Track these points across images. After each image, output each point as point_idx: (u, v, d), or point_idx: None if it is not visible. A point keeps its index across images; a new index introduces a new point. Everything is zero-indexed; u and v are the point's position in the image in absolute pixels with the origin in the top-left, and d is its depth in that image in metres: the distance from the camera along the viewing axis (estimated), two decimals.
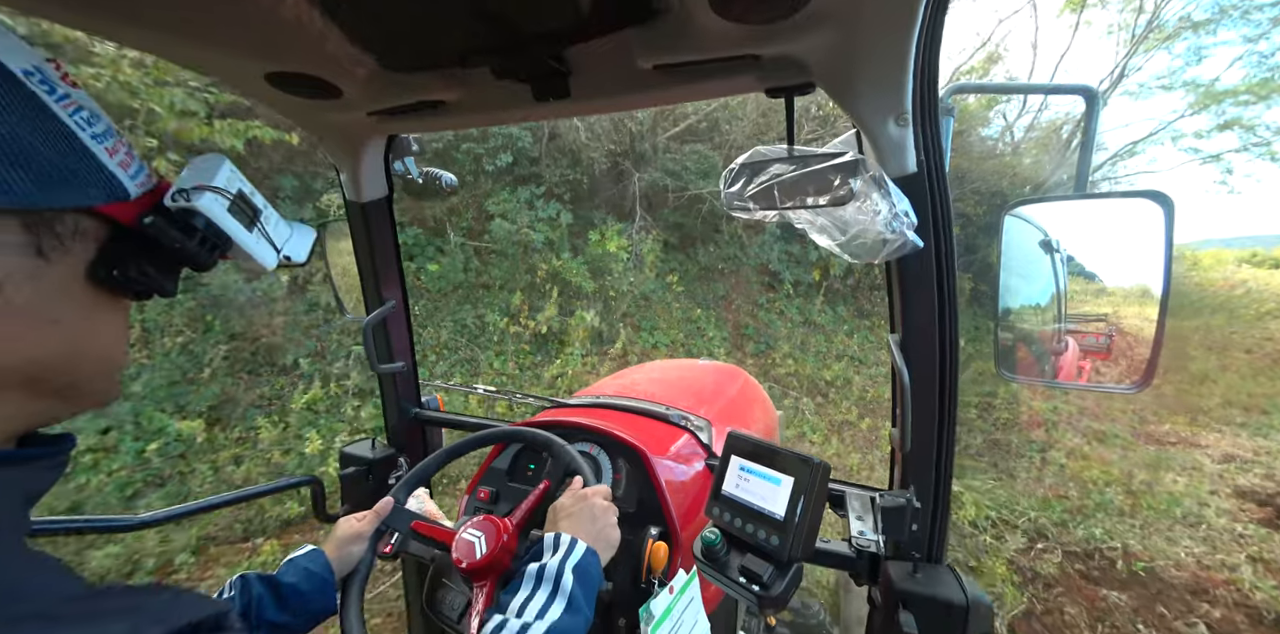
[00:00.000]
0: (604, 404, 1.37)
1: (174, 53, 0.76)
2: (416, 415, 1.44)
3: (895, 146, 0.75)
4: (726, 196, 0.81)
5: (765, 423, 1.74)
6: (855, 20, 0.61)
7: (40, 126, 0.34)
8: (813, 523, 0.77)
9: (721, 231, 7.04)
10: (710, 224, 6.97)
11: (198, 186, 0.47)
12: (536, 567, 0.67)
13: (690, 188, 6.65)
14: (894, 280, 0.85)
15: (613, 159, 6.39)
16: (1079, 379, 1.13)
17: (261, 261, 0.53)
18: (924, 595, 0.80)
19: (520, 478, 1.18)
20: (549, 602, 0.62)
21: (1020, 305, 1.06)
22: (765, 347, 6.43)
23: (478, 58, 0.72)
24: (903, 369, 0.83)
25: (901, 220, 0.70)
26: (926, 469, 0.88)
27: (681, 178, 6.64)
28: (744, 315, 6.87)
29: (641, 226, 6.38)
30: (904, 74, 0.68)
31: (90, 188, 0.37)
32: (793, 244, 7.35)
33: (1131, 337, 0.88)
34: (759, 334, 6.57)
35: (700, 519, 1.03)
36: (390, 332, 1.33)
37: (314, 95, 0.84)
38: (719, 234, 7.06)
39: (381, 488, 1.35)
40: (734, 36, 0.64)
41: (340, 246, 1.36)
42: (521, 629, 0.58)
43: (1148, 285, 0.79)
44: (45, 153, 0.34)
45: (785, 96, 0.77)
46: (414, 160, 1.18)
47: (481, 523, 0.81)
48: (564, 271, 5.44)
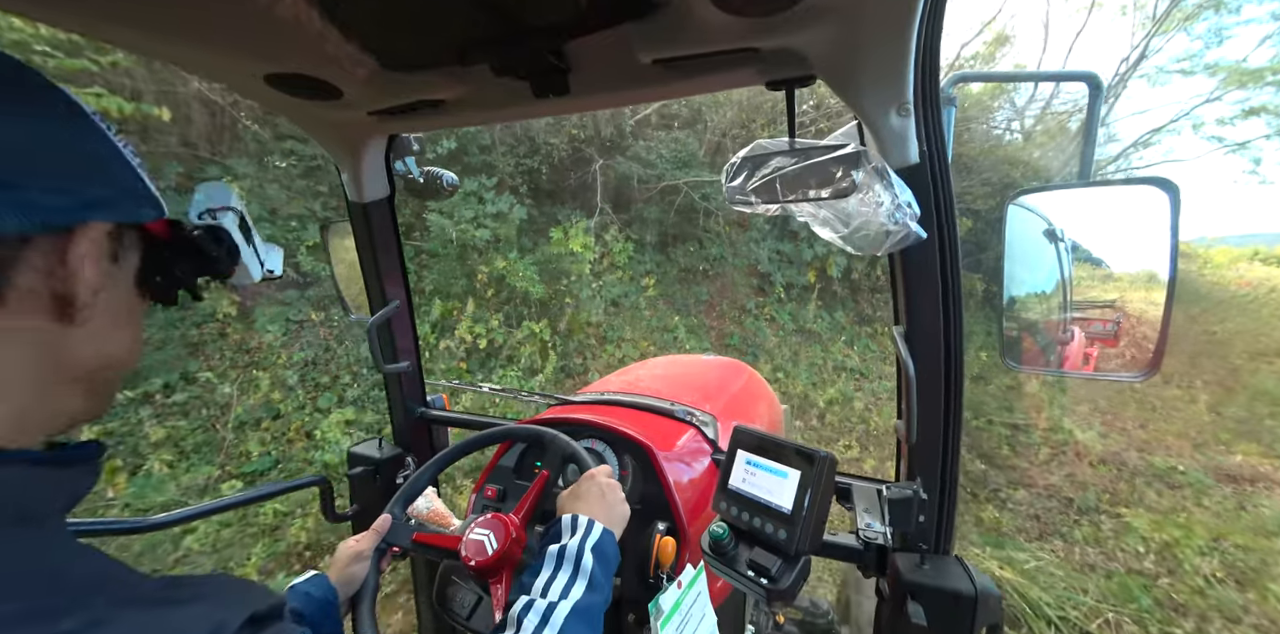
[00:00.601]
0: (609, 400, 1.37)
1: (171, 55, 0.76)
2: (422, 415, 1.45)
3: (897, 137, 0.74)
4: (728, 190, 0.80)
5: (771, 417, 1.74)
6: (856, 11, 0.60)
7: (115, 153, 0.41)
8: (820, 516, 0.77)
9: (703, 228, 6.30)
10: (690, 219, 6.23)
11: (223, 208, 0.57)
12: (557, 548, 0.68)
13: (666, 178, 5.88)
14: (898, 272, 0.85)
15: (575, 146, 5.75)
16: (1085, 368, 1.13)
17: (253, 272, 0.61)
18: (932, 586, 0.80)
19: (527, 475, 1.19)
20: (571, 581, 0.64)
21: (1025, 295, 1.05)
22: (751, 359, 5.71)
23: (477, 55, 0.72)
24: (908, 361, 0.83)
25: (904, 211, 0.70)
26: (933, 461, 0.87)
27: (656, 167, 5.88)
28: (729, 322, 6.11)
29: (610, 222, 5.67)
30: (905, 64, 0.67)
31: (146, 207, 0.43)
32: (785, 242, 6.59)
33: (1138, 320, 0.87)
34: (745, 344, 5.95)
35: (707, 514, 1.03)
36: (395, 331, 1.34)
37: (314, 96, 0.84)
38: (701, 231, 6.32)
39: (390, 487, 1.35)
40: (734, 29, 0.63)
41: (342, 247, 1.36)
42: (548, 608, 0.60)
43: (1154, 271, 0.78)
44: (122, 175, 0.41)
45: (786, 89, 0.76)
46: (414, 160, 1.18)
47: (488, 521, 0.81)
48: (509, 275, 4.64)
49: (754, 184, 0.77)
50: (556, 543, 0.70)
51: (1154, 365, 0.81)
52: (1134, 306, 0.90)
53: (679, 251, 6.34)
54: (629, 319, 5.44)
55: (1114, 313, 1.05)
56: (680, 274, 6.30)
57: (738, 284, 6.48)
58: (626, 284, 5.65)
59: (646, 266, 6.05)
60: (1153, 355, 0.81)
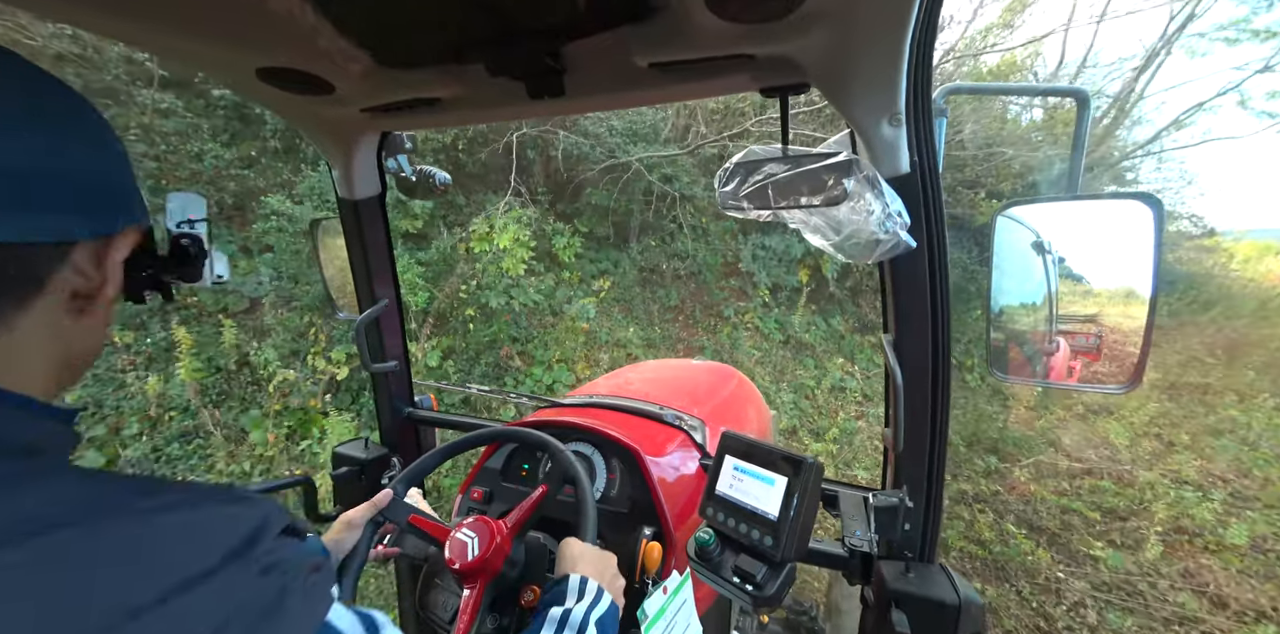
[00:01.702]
0: (598, 404, 1.37)
1: (162, 46, 0.75)
2: (409, 415, 1.43)
3: (889, 147, 0.75)
4: (721, 196, 0.81)
5: (759, 423, 1.74)
6: (850, 20, 0.61)
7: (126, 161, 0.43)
8: (806, 523, 0.77)
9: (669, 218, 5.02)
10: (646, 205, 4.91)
11: (201, 219, 0.63)
12: (560, 611, 0.64)
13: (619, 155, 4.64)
14: (887, 281, 0.85)
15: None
16: (1069, 379, 1.14)
17: (206, 277, 0.64)
18: (916, 595, 0.80)
19: (514, 478, 1.18)
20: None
21: (1012, 306, 1.07)
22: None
23: (473, 54, 0.72)
24: (896, 369, 0.84)
25: (895, 220, 0.71)
26: (919, 469, 0.88)
27: (605, 142, 4.71)
28: (702, 332, 5.01)
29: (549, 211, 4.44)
30: (898, 75, 0.68)
31: (140, 212, 0.45)
32: (771, 236, 5.54)
33: (1120, 335, 0.88)
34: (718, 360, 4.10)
35: (694, 519, 1.03)
36: (383, 330, 1.33)
37: (306, 91, 0.83)
38: (668, 223, 5.12)
39: (374, 488, 1.33)
40: (729, 35, 0.64)
41: (331, 244, 1.34)
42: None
43: (1132, 287, 0.79)
44: (130, 183, 0.44)
45: (779, 96, 0.77)
46: (406, 158, 1.17)
47: (475, 524, 0.80)
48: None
49: (746, 190, 0.77)
50: (560, 605, 0.65)
51: (1136, 378, 0.83)
52: (1117, 322, 0.91)
53: (638, 248, 5.27)
54: (566, 334, 4.24)
55: (1095, 327, 1.07)
56: (642, 276, 5.26)
57: (713, 287, 5.42)
58: (568, 288, 4.50)
59: (603, 266, 5.03)
60: (1134, 369, 0.82)
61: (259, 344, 3.37)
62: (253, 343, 3.38)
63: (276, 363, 3.26)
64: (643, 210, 5.14)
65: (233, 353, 3.31)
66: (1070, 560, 2.98)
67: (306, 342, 3.43)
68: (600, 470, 1.10)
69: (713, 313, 5.31)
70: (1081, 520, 3.30)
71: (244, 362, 3.34)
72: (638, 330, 4.65)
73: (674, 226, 5.29)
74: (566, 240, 4.59)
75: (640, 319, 4.88)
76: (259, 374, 3.28)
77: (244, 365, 3.34)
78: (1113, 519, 3.33)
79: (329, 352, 3.36)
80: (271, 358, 3.28)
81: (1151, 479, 3.73)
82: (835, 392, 4.78)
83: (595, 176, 4.82)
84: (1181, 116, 8.72)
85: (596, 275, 4.91)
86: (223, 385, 3.28)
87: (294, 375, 3.21)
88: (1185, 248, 10.19)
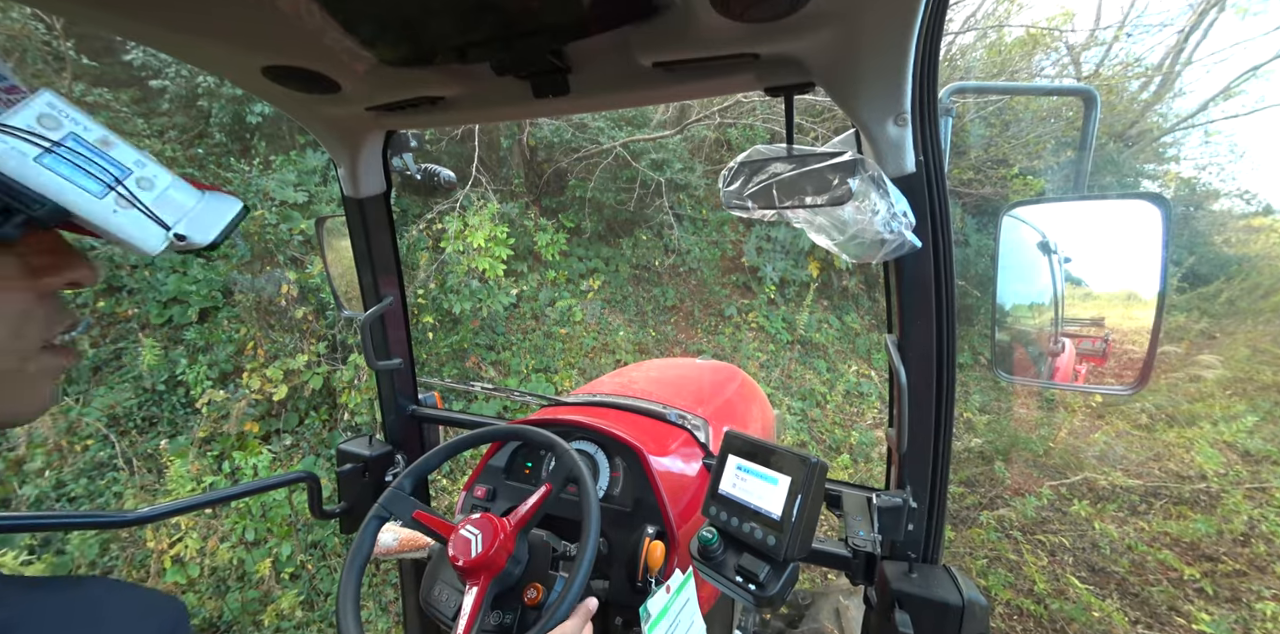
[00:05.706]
0: (601, 402, 1.37)
1: (169, 44, 0.75)
2: (414, 413, 1.44)
3: (894, 146, 0.75)
4: (725, 195, 0.80)
5: (763, 422, 1.74)
6: (855, 20, 0.61)
7: None
8: (809, 522, 0.77)
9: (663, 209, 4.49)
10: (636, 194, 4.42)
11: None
12: None
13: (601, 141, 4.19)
14: (891, 281, 0.85)
15: None
16: (1075, 381, 1.14)
17: (132, 241, 0.39)
18: (920, 596, 0.80)
19: (517, 476, 1.18)
20: None
21: (1018, 306, 1.06)
22: None
23: (478, 53, 0.72)
24: (900, 369, 0.83)
25: (900, 220, 0.70)
26: (923, 469, 0.88)
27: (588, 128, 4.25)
28: (701, 333, 4.58)
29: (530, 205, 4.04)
30: (903, 75, 0.68)
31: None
32: (778, 227, 5.02)
33: (1125, 338, 0.87)
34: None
35: (697, 518, 1.03)
36: (388, 328, 1.33)
37: (312, 89, 0.83)
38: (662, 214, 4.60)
39: (379, 485, 1.34)
40: (734, 34, 0.64)
41: (337, 242, 1.35)
42: None
43: (1138, 289, 0.79)
44: None
45: (785, 95, 0.77)
46: (412, 156, 1.18)
47: (480, 521, 0.81)
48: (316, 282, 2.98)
49: (751, 189, 0.77)
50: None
51: (1142, 380, 0.82)
52: (1125, 322, 0.91)
53: (630, 243, 4.78)
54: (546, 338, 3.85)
55: (1102, 331, 1.06)
56: (634, 274, 4.80)
57: (713, 283, 4.94)
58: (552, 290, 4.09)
59: (593, 264, 4.61)
60: (1141, 371, 0.81)
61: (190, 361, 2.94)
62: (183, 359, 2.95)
63: (207, 383, 2.85)
64: (633, 201, 4.62)
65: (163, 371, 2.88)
66: (1153, 621, 2.19)
67: (245, 357, 2.98)
68: (604, 469, 1.11)
69: (713, 312, 4.88)
70: (1157, 562, 2.56)
71: (174, 382, 2.92)
72: (629, 334, 4.21)
73: (669, 218, 4.72)
74: (550, 237, 4.14)
75: (633, 321, 4.48)
76: (192, 395, 2.86)
77: (176, 385, 2.93)
78: (1198, 558, 2.51)
79: (266, 368, 2.81)
80: (203, 376, 2.86)
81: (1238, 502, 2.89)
82: (850, 397, 4.28)
83: (579, 165, 4.33)
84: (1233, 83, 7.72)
85: (585, 274, 4.49)
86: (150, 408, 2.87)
87: (222, 396, 2.79)
88: (1232, 229, 9.43)
